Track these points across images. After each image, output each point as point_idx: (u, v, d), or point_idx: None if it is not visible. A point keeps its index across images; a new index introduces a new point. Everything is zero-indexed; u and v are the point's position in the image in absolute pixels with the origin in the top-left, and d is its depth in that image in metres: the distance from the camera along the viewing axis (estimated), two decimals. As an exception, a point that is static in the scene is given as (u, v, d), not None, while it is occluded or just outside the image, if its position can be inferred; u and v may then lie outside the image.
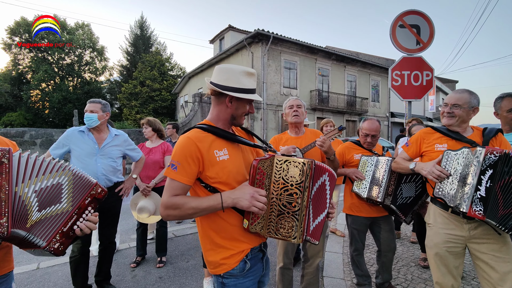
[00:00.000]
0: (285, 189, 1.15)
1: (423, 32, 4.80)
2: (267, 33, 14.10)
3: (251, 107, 1.29)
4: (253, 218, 1.15)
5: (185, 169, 1.11)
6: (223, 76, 1.21)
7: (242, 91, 1.20)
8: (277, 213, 1.17)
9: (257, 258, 1.26)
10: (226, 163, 1.17)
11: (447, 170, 1.64)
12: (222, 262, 1.17)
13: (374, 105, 20.72)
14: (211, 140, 1.18)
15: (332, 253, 3.37)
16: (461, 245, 1.71)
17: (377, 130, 2.40)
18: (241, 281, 1.18)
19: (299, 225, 1.16)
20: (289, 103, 2.25)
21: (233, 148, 1.24)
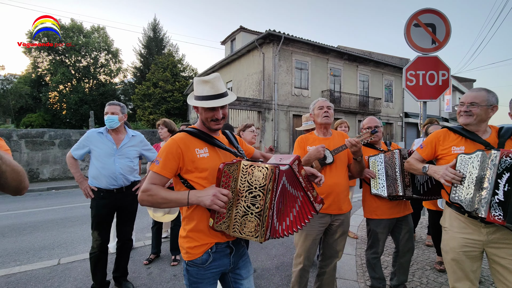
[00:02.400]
0: (250, 191, 1.23)
1: (439, 31, 4.70)
2: (278, 34, 14.10)
3: (216, 113, 1.35)
4: (218, 218, 1.24)
5: (165, 164, 1.27)
6: (194, 88, 1.40)
7: (197, 98, 1.36)
8: (242, 214, 1.24)
9: (223, 253, 1.36)
10: (205, 160, 1.32)
11: (464, 173, 1.59)
12: (188, 251, 1.32)
13: (387, 105, 20.35)
14: (193, 141, 1.34)
15: (345, 254, 3.34)
16: (478, 249, 1.67)
17: (375, 121, 2.51)
18: (202, 272, 1.31)
19: (261, 225, 1.21)
20: (318, 104, 2.22)
21: (213, 150, 1.38)
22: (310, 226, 2.07)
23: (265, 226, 1.22)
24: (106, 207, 2.52)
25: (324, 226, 2.10)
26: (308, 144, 2.17)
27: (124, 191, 2.56)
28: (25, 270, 3.09)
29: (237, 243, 1.44)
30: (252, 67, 16.47)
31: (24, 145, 9.64)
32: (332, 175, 2.07)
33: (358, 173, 2.21)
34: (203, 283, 1.32)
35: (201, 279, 1.32)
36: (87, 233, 4.27)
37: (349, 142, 1.96)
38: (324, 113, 2.15)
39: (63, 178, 10.16)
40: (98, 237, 2.49)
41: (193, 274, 1.32)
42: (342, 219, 2.12)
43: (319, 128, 2.24)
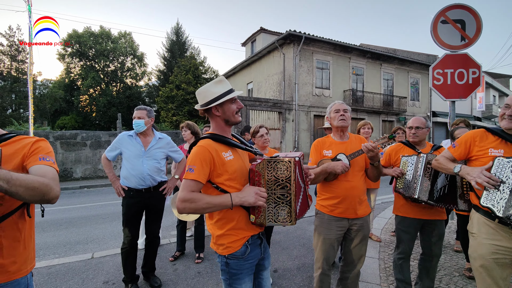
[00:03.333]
0: (278, 184, 1.38)
1: (469, 27, 4.49)
2: (299, 34, 14.03)
3: (237, 103, 1.52)
4: (257, 213, 1.38)
5: (200, 170, 1.34)
6: (200, 97, 1.49)
7: (217, 98, 1.45)
8: (274, 205, 1.38)
9: (256, 244, 1.49)
10: (232, 162, 1.44)
11: (501, 177, 1.53)
12: (228, 245, 1.41)
13: (413, 104, 19.56)
14: (218, 145, 1.44)
15: (368, 257, 3.28)
16: (509, 257, 1.60)
17: (421, 123, 2.43)
18: (242, 263, 1.43)
19: (293, 210, 1.37)
20: (334, 107, 2.19)
21: (234, 151, 1.50)
22: (327, 229, 2.09)
23: (294, 210, 1.38)
24: (136, 206, 2.68)
25: (342, 230, 2.09)
26: (325, 148, 2.16)
27: (151, 191, 2.71)
28: (63, 262, 3.35)
29: (263, 234, 1.58)
30: (272, 68, 16.51)
31: (59, 146, 10.31)
32: (348, 179, 2.05)
33: (375, 177, 2.16)
34: (243, 273, 1.43)
35: (241, 269, 1.43)
36: (117, 229, 4.53)
37: (366, 147, 1.90)
38: (340, 116, 2.12)
39: (93, 177, 10.76)
40: (128, 233, 2.65)
41: (233, 266, 1.42)
42: (361, 223, 2.09)
43: (335, 131, 2.21)
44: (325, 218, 2.12)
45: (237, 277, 1.42)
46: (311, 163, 2.15)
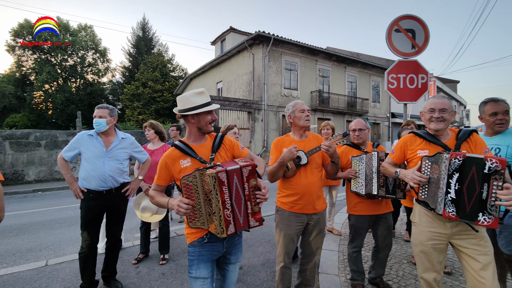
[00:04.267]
0: (206, 195, 1.47)
1: (418, 36, 4.92)
2: (268, 35, 14.24)
3: (212, 115, 1.67)
4: (189, 218, 1.51)
5: (159, 176, 1.64)
6: (180, 103, 1.64)
7: (195, 108, 1.60)
8: (207, 214, 1.50)
9: (218, 238, 1.61)
10: (188, 168, 1.59)
11: (426, 175, 1.74)
12: (188, 236, 1.64)
13: (374, 106, 20.80)
14: (179, 154, 1.63)
15: (328, 251, 3.49)
16: (444, 242, 1.82)
17: (362, 125, 2.63)
18: (198, 250, 1.61)
19: (220, 224, 1.44)
20: (298, 106, 2.25)
21: (193, 159, 1.62)
22: (287, 225, 2.19)
23: (224, 224, 1.43)
24: (96, 208, 2.58)
25: (301, 225, 2.20)
26: (285, 147, 2.22)
27: (113, 193, 2.62)
28: (12, 272, 3.10)
29: None
30: (242, 68, 16.57)
31: (8, 146, 9.44)
32: (307, 175, 2.17)
33: (334, 174, 2.30)
34: (198, 259, 1.60)
35: (196, 256, 1.61)
36: (75, 234, 4.28)
37: (325, 146, 2.05)
38: (306, 117, 2.22)
39: (49, 180, 10.00)
40: (87, 237, 2.54)
41: (191, 253, 1.62)
42: (318, 218, 2.22)
43: (297, 130, 2.28)
44: (286, 214, 2.22)
45: (193, 263, 1.60)
46: (272, 162, 2.22)
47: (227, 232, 1.44)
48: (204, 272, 1.59)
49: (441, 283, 1.88)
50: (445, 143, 1.84)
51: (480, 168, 1.53)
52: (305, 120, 2.23)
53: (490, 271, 1.63)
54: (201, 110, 1.59)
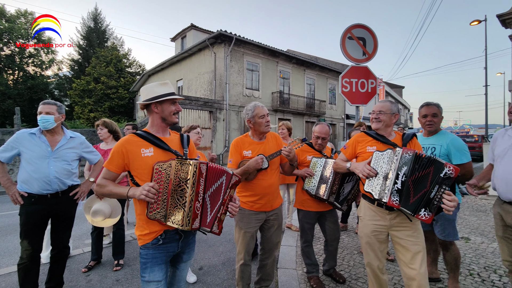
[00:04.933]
0: (179, 185, 1.45)
1: (368, 44, 5.33)
2: (230, 35, 14.22)
3: (176, 106, 1.64)
4: (151, 208, 1.45)
5: (113, 161, 1.51)
6: (143, 94, 1.62)
7: (159, 97, 1.58)
8: (174, 205, 1.45)
9: (172, 239, 1.58)
10: (149, 159, 1.51)
11: (375, 168, 1.92)
12: (140, 237, 1.54)
13: (331, 107, 21.97)
14: (140, 142, 1.54)
15: (287, 246, 3.63)
16: (385, 233, 2.02)
17: (327, 133, 2.69)
18: (151, 252, 1.54)
19: (187, 215, 1.42)
20: (258, 111, 2.21)
21: (158, 150, 1.56)
22: (247, 223, 2.24)
23: (191, 216, 1.43)
24: (38, 214, 2.35)
25: (260, 223, 2.28)
26: (244, 149, 2.25)
27: (60, 196, 2.41)
28: None
29: (187, 231, 1.63)
30: (203, 66, 16.30)
31: None
32: (267, 178, 2.24)
33: (290, 172, 2.46)
34: (151, 262, 1.53)
35: (149, 259, 1.53)
36: (12, 244, 3.83)
37: (285, 152, 2.15)
38: (266, 123, 2.22)
39: (-20, 184, 8.78)
40: (28, 246, 2.31)
41: (143, 255, 1.55)
42: (276, 213, 2.34)
43: (257, 133, 2.28)
44: (246, 213, 2.26)
45: (145, 266, 1.53)
46: (232, 164, 2.24)
47: (192, 225, 1.43)
48: (158, 275, 1.54)
49: (384, 269, 2.08)
50: (392, 141, 2.04)
51: (438, 171, 1.72)
52: (265, 126, 2.24)
53: (419, 259, 1.86)
54: (164, 98, 1.57)
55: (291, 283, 2.74)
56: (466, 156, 2.27)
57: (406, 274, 1.90)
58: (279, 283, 2.74)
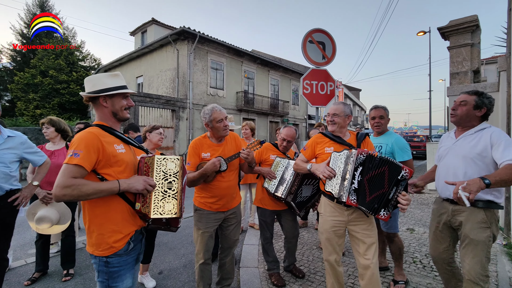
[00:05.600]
0: (165, 178, 1.50)
1: (328, 48, 5.59)
2: (193, 32, 13.90)
3: (128, 100, 1.53)
4: (143, 201, 1.42)
5: (86, 156, 1.27)
6: (89, 85, 1.44)
7: (109, 89, 1.43)
8: (161, 197, 1.47)
9: (138, 239, 1.53)
10: (123, 155, 1.43)
11: (333, 168, 2.00)
12: (113, 245, 1.37)
13: (294, 108, 22.61)
14: (110, 137, 1.42)
15: (249, 245, 3.66)
16: (343, 228, 2.13)
17: (293, 137, 2.75)
18: (124, 259, 1.43)
19: (178, 203, 1.50)
20: (217, 116, 2.17)
21: (127, 146, 1.51)
22: (206, 223, 2.23)
23: (181, 204, 1.52)
24: (-32, 223, 2.08)
25: (218, 222, 2.29)
26: (203, 151, 2.22)
27: None
28: None
29: (144, 229, 1.62)
30: (165, 63, 15.72)
31: None
32: (226, 179, 2.24)
33: (249, 172, 2.52)
34: (125, 269, 1.43)
35: (123, 265, 1.42)
36: None
37: (244, 155, 2.18)
38: (224, 127, 2.21)
39: None
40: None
41: (114, 264, 1.38)
42: (235, 211, 2.37)
43: (216, 136, 2.27)
44: (204, 213, 2.25)
45: (118, 274, 1.40)
46: (190, 166, 2.20)
47: (180, 213, 1.50)
48: (130, 281, 1.47)
49: (340, 262, 2.21)
50: (347, 141, 2.16)
51: (396, 174, 1.85)
52: (223, 130, 2.22)
53: (373, 250, 2.00)
54: (116, 92, 1.44)
55: (252, 281, 2.77)
56: (407, 154, 2.50)
57: (361, 264, 2.03)
58: (240, 282, 2.76)
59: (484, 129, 1.89)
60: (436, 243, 2.10)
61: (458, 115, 1.98)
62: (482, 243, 1.80)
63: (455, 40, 6.33)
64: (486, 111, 1.92)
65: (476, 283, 1.78)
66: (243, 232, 4.20)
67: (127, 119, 1.55)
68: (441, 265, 2.10)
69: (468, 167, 1.86)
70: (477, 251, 1.80)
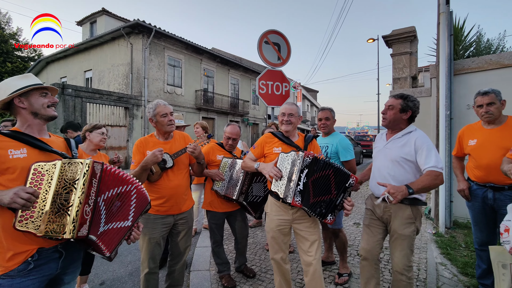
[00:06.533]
0: (65, 188, 1.23)
1: (283, 50, 5.71)
2: (149, 26, 13.24)
3: (50, 98, 1.40)
4: (21, 217, 1.16)
5: None
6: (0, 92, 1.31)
7: (20, 89, 1.31)
8: (56, 212, 1.21)
9: (50, 258, 1.32)
10: (20, 161, 1.24)
11: (280, 169, 2.02)
12: (2, 264, 1.20)
13: (254, 108, 22.82)
14: (7, 142, 1.25)
15: (202, 247, 3.58)
16: (288, 226, 2.17)
17: (238, 134, 2.73)
18: (18, 281, 1.21)
19: (72, 220, 1.20)
20: (162, 110, 2.09)
21: (34, 151, 1.30)
22: (152, 229, 2.10)
23: (78, 222, 1.21)
24: None
25: (167, 227, 2.16)
26: (148, 149, 2.11)
27: None
28: None
29: (70, 247, 1.39)
30: (118, 58, 14.73)
31: None
32: (174, 178, 2.14)
33: (200, 173, 2.39)
34: None
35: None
36: None
37: (189, 148, 2.08)
38: (169, 122, 2.12)
39: None
40: None
41: (5, 286, 1.20)
42: (185, 217, 2.24)
43: (161, 133, 2.19)
44: (151, 218, 2.11)
45: None
46: (134, 165, 2.07)
47: (77, 233, 1.21)
48: None
49: (287, 260, 2.25)
50: (295, 143, 2.20)
51: (344, 181, 1.92)
52: (167, 125, 2.13)
53: (315, 247, 2.07)
54: (30, 88, 1.32)
55: (203, 284, 2.71)
56: (350, 154, 2.65)
57: (304, 260, 2.09)
58: (190, 286, 2.68)
59: (410, 133, 2.05)
60: (369, 237, 2.20)
61: (388, 119, 2.11)
62: (408, 237, 1.98)
63: (397, 48, 6.92)
64: (412, 114, 2.07)
65: (402, 274, 1.97)
66: (196, 234, 4.10)
67: (53, 117, 1.41)
68: (369, 262, 2.16)
69: (396, 170, 2.02)
70: (404, 246, 1.98)
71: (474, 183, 2.42)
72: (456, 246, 3.38)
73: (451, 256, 3.12)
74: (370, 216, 2.23)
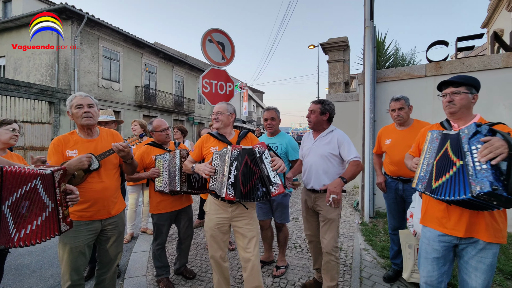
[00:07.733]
0: None
1: (227, 49, 5.71)
2: (80, 12, 11.90)
3: None
4: None
5: None
6: None
7: None
8: None
9: None
10: None
11: (216, 167, 2.04)
12: None
13: (200, 107, 22.35)
14: None
15: (139, 252, 3.38)
16: (227, 224, 2.20)
17: (166, 125, 2.74)
18: None
19: None
20: (76, 101, 1.92)
21: None
22: (74, 237, 1.87)
23: None
24: None
25: (94, 234, 1.97)
26: (68, 148, 1.91)
27: None
28: None
29: None
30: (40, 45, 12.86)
31: None
32: (102, 179, 1.97)
33: (131, 172, 2.25)
34: None
35: None
36: None
37: (116, 148, 1.93)
38: (84, 114, 1.92)
39: None
40: None
41: None
42: (115, 221, 2.07)
43: (81, 129, 2.01)
44: (73, 225, 1.91)
45: None
46: None
47: None
48: None
49: (226, 258, 2.27)
50: (230, 140, 2.24)
51: (252, 155, 1.97)
52: (82, 118, 1.92)
53: (253, 243, 2.15)
54: None
55: (138, 291, 2.56)
56: (297, 154, 2.83)
57: (243, 257, 2.14)
58: (123, 295, 2.51)
59: (332, 131, 2.39)
60: (309, 224, 2.54)
61: (312, 121, 2.42)
62: (334, 220, 2.29)
63: (332, 55, 7.55)
64: (329, 115, 2.41)
65: (331, 254, 2.27)
66: (133, 239, 3.85)
67: None
68: (314, 244, 2.54)
69: (326, 166, 2.32)
70: (332, 228, 2.29)
71: (389, 177, 2.80)
72: (377, 233, 3.85)
73: (372, 242, 3.54)
74: (305, 207, 2.52)
